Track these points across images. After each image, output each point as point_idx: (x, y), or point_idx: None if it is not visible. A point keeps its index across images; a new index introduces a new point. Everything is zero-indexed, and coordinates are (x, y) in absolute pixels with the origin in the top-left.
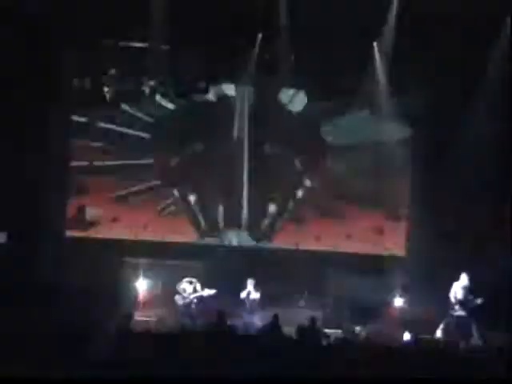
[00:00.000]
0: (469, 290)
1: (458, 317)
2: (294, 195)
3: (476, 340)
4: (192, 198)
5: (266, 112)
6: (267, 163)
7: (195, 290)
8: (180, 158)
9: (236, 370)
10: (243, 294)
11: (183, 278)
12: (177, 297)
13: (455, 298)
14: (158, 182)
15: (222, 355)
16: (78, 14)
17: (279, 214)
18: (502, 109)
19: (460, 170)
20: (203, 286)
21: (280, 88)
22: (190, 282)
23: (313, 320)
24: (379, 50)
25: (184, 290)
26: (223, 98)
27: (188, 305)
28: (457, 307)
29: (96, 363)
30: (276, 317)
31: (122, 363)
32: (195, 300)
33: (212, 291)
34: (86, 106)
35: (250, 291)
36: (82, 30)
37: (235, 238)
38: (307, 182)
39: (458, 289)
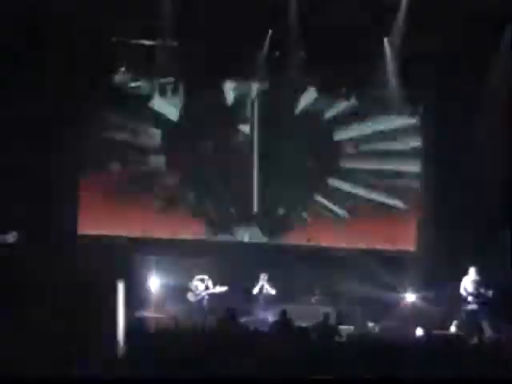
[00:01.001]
0: (479, 284)
1: (471, 311)
2: (307, 193)
3: (489, 334)
4: (204, 196)
5: (276, 109)
6: (278, 160)
7: (207, 288)
8: (191, 155)
9: (246, 367)
10: (256, 289)
11: (195, 275)
12: (189, 294)
13: (466, 292)
14: (170, 180)
15: (233, 352)
16: (88, 10)
17: (291, 210)
18: (507, 107)
19: (468, 165)
20: (215, 283)
21: (291, 85)
22: (202, 280)
23: (325, 316)
24: (390, 46)
25: (196, 288)
26: (233, 96)
27: (200, 302)
28: (468, 302)
29: (106, 362)
30: (284, 313)
31: (133, 362)
32: (207, 297)
33: (224, 288)
34: (96, 104)
35: (264, 285)
36: (91, 27)
37: (247, 235)
38: (319, 180)
39: (468, 283)
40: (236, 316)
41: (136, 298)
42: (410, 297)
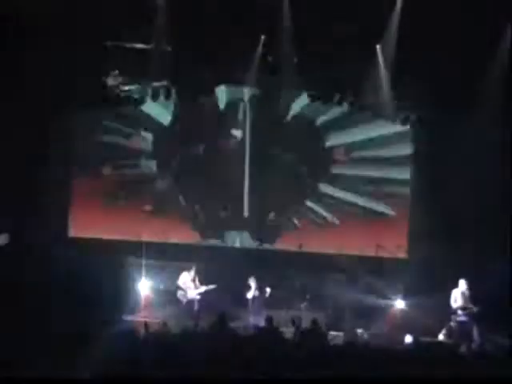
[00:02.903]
0: (468, 297)
1: (460, 321)
2: (297, 198)
3: (477, 344)
4: (195, 200)
5: (269, 114)
6: (269, 165)
7: (196, 286)
8: (182, 159)
9: (235, 373)
10: (249, 294)
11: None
12: (179, 293)
13: (456, 303)
14: (161, 184)
15: (222, 358)
16: (82, 14)
17: (282, 215)
18: (502, 112)
19: (461, 174)
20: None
21: (283, 90)
22: (190, 275)
23: (314, 322)
24: (382, 53)
25: (185, 284)
26: (225, 100)
27: (191, 303)
28: (458, 312)
29: (96, 364)
30: (270, 319)
31: (123, 365)
32: (198, 297)
33: (212, 286)
34: (89, 107)
35: (254, 290)
36: (85, 30)
37: (238, 240)
38: (310, 186)
39: (458, 295)
40: (227, 321)
41: (126, 301)
42: (400, 304)
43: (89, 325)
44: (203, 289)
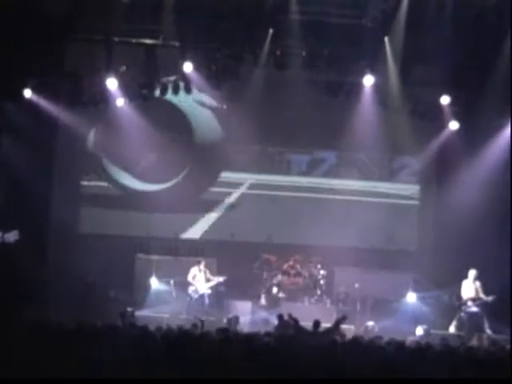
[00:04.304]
0: (480, 287)
1: (471, 313)
2: None
3: (488, 336)
4: None
5: (277, 108)
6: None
7: (208, 280)
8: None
9: (244, 368)
10: (257, 289)
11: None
12: (190, 289)
13: (466, 294)
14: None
15: (229, 353)
16: (88, 9)
17: None
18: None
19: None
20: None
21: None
22: (199, 269)
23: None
24: (390, 46)
25: (194, 278)
26: (233, 95)
27: (201, 298)
28: (469, 303)
29: (106, 361)
30: (281, 317)
31: (133, 361)
32: (209, 291)
33: (222, 278)
34: (95, 103)
35: (264, 284)
36: (92, 25)
37: None
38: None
39: (469, 285)
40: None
41: (137, 297)
42: (410, 296)
43: (98, 320)
44: (214, 282)
